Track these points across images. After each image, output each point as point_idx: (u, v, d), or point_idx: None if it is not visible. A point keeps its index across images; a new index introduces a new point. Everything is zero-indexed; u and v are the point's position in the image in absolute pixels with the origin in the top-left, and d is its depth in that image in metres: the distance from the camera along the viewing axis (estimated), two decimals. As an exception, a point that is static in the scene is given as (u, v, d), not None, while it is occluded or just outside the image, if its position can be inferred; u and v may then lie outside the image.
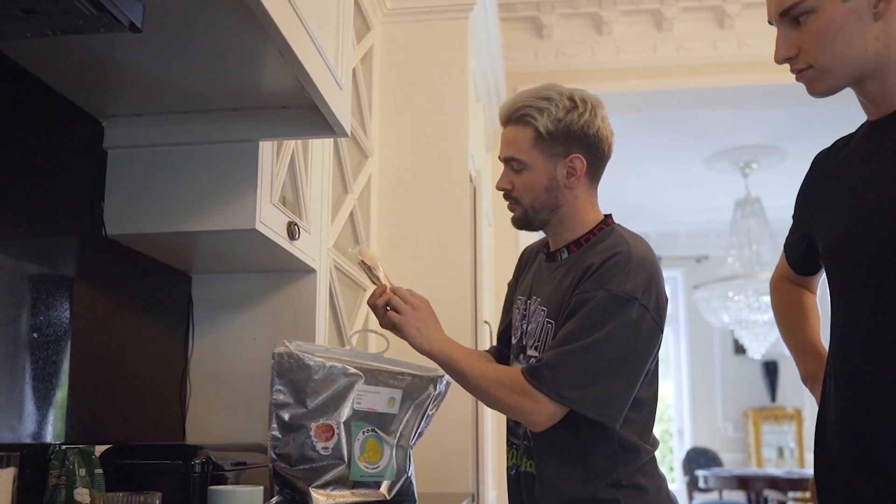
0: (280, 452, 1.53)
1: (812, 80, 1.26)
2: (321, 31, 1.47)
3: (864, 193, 1.25)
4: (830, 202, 1.32)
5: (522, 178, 1.57)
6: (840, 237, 1.28)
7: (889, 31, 1.21)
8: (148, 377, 1.91)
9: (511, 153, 1.58)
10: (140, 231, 1.69)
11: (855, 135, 1.35)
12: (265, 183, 1.71)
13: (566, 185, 1.56)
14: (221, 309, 2.09)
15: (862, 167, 1.28)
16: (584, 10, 4.38)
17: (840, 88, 1.26)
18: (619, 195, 7.44)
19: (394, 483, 1.60)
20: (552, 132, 1.53)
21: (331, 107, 1.53)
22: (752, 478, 6.70)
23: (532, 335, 1.57)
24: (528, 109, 1.55)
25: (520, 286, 1.72)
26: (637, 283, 1.45)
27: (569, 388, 1.43)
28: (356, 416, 1.57)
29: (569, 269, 1.56)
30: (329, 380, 1.55)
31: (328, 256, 2.23)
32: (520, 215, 1.61)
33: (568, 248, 1.60)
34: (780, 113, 5.62)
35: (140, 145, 1.68)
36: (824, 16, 1.21)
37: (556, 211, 1.58)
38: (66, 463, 1.41)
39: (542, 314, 1.56)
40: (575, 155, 1.55)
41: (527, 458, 1.57)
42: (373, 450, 1.58)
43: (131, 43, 1.32)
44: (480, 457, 3.05)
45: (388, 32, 2.99)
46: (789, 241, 1.53)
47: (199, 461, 1.49)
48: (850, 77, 1.25)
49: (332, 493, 1.53)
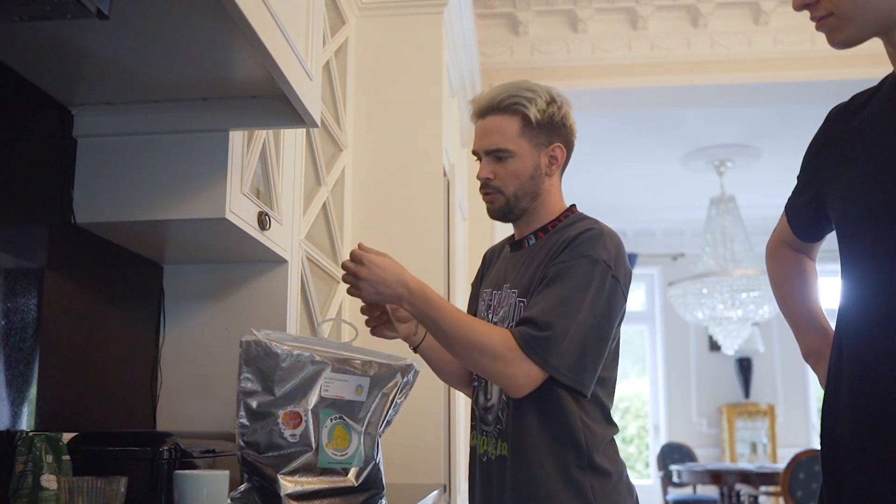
0: (248, 440, 1.54)
1: (832, 28, 1.17)
2: (291, 22, 1.48)
3: (889, 156, 1.14)
4: (855, 164, 1.21)
5: (508, 167, 1.61)
6: (862, 206, 1.17)
7: None
8: (118, 367, 1.92)
9: (498, 143, 1.61)
10: (110, 220, 1.69)
11: (878, 89, 1.24)
12: (235, 173, 1.72)
13: (547, 172, 1.63)
14: (193, 299, 2.09)
15: (887, 126, 1.17)
16: (559, 7, 4.41)
17: (861, 39, 1.17)
18: (595, 193, 7.49)
19: (361, 470, 1.62)
20: (539, 121, 1.60)
21: (300, 97, 1.54)
22: (724, 472, 6.77)
23: (506, 318, 1.60)
24: (516, 99, 1.60)
25: (485, 282, 1.77)
26: (611, 254, 1.53)
27: (555, 356, 1.46)
28: (324, 404, 1.58)
29: (538, 251, 1.61)
30: (297, 368, 1.57)
31: (300, 247, 2.24)
32: (501, 205, 1.64)
33: (535, 234, 1.66)
34: (755, 112, 5.68)
35: (110, 134, 1.68)
36: None
37: (536, 199, 1.64)
38: (32, 449, 1.41)
39: (514, 295, 1.60)
40: (556, 144, 1.63)
41: (501, 440, 1.59)
42: (341, 437, 1.59)
43: (100, 31, 1.33)
44: (452, 447, 3.07)
45: (363, 26, 3.01)
46: (794, 204, 1.42)
47: (168, 448, 1.50)
48: (871, 27, 1.15)
49: (300, 480, 1.54)
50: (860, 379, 1.13)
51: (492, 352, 1.48)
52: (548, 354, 1.45)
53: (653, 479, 8.71)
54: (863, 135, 1.20)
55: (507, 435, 1.57)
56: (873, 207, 1.14)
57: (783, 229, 1.48)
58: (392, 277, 1.55)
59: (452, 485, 3.05)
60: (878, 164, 1.15)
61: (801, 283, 1.45)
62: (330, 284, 2.64)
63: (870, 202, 1.15)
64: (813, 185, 1.34)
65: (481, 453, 1.65)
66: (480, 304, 1.73)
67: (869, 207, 1.15)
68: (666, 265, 8.97)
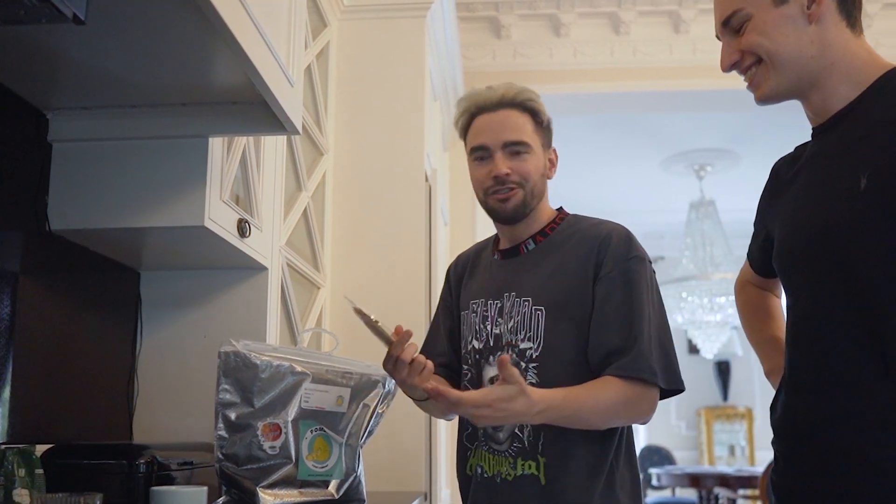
0: (227, 452, 1.52)
1: (759, 81, 1.30)
2: (272, 28, 1.46)
3: (807, 198, 1.29)
4: (785, 208, 1.36)
5: (527, 163, 1.57)
6: (787, 240, 1.31)
7: (823, 35, 1.25)
8: (94, 376, 1.88)
9: (517, 136, 1.56)
10: (86, 226, 1.65)
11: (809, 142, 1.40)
12: (215, 179, 1.69)
13: (547, 175, 1.63)
14: (171, 306, 2.06)
15: (807, 173, 1.32)
16: (542, 11, 4.41)
17: (783, 92, 1.29)
18: (576, 196, 7.49)
19: (342, 482, 1.60)
20: (545, 123, 1.61)
21: (281, 104, 1.51)
22: (703, 475, 6.81)
23: (521, 328, 1.53)
24: (529, 95, 1.59)
25: (466, 293, 1.69)
26: (642, 249, 1.56)
27: (661, 368, 1.47)
28: (304, 415, 1.56)
29: (545, 257, 1.58)
30: (276, 378, 1.54)
31: (280, 254, 2.21)
32: (521, 200, 1.57)
33: (533, 238, 1.62)
34: (735, 117, 5.71)
35: (86, 139, 1.65)
36: (758, 20, 1.26)
37: (540, 201, 1.62)
38: (4, 463, 1.38)
39: (528, 304, 1.54)
40: (553, 148, 1.65)
41: (522, 459, 1.50)
42: (321, 448, 1.57)
43: (77, 35, 1.30)
44: (434, 456, 3.05)
45: (345, 29, 2.98)
46: (751, 247, 1.56)
47: (144, 461, 1.47)
48: (791, 80, 1.27)
49: (280, 493, 1.52)
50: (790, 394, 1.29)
51: (622, 405, 1.45)
52: (654, 369, 1.46)
53: (632, 482, 8.73)
54: (793, 183, 1.35)
55: (533, 453, 1.49)
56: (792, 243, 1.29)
57: (746, 269, 1.61)
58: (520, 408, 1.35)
59: (433, 493, 3.03)
60: (798, 205, 1.30)
61: (764, 315, 1.58)
62: (310, 291, 2.61)
63: (789, 239, 1.30)
64: (763, 229, 1.47)
65: (492, 475, 1.53)
66: (471, 316, 1.63)
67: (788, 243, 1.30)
68: (646, 268, 9.00)
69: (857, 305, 1.18)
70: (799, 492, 1.26)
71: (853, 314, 1.18)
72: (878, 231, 1.16)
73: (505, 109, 1.58)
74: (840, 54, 1.25)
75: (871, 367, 1.15)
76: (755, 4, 1.26)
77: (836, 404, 1.19)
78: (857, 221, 1.18)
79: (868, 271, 1.17)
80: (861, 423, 1.16)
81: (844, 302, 1.19)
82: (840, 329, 1.19)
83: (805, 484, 1.25)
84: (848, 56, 1.26)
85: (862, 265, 1.17)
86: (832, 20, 1.25)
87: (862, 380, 1.16)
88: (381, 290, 2.77)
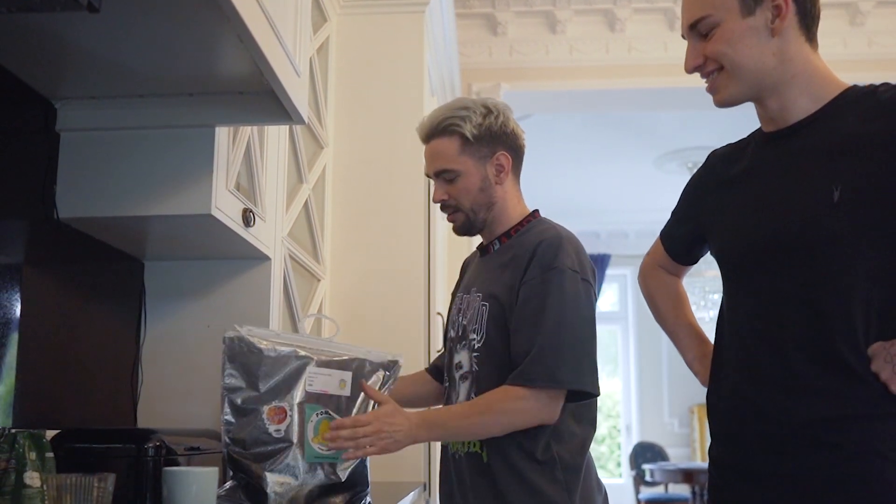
0: (234, 437, 1.54)
1: (718, 87, 1.35)
2: (280, 18, 1.48)
3: (766, 201, 1.34)
4: (728, 206, 1.41)
5: (457, 186, 1.68)
6: (743, 242, 1.37)
7: (784, 48, 1.31)
8: (99, 364, 1.90)
9: (441, 165, 1.68)
10: (93, 215, 1.67)
11: (750, 142, 1.44)
12: (221, 169, 1.71)
13: (496, 181, 1.70)
14: (174, 296, 2.08)
15: (761, 176, 1.37)
16: (538, 8, 4.43)
17: (741, 98, 1.35)
18: (569, 194, 7.52)
19: (348, 465, 1.62)
20: (477, 136, 1.67)
21: (288, 93, 1.54)
22: (696, 471, 6.84)
23: (473, 321, 1.67)
24: (450, 119, 1.67)
25: (460, 288, 1.83)
26: (574, 259, 1.60)
27: (561, 371, 1.53)
28: (309, 399, 1.58)
29: (503, 257, 1.68)
30: (280, 363, 1.56)
31: (283, 245, 2.23)
32: (462, 221, 1.71)
33: (499, 239, 1.73)
34: (728, 116, 5.71)
35: (94, 129, 1.67)
36: (726, 28, 1.31)
37: (492, 208, 1.71)
38: (15, 447, 1.39)
39: (478, 299, 1.67)
40: (500, 153, 1.69)
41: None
42: (326, 432, 1.59)
43: (88, 23, 1.31)
44: (432, 446, 3.07)
45: (345, 24, 3.00)
46: (671, 233, 1.62)
47: (153, 445, 1.48)
48: (750, 87, 1.33)
49: (287, 477, 1.54)
50: (745, 385, 1.34)
51: (502, 410, 1.55)
52: (554, 372, 1.52)
53: (625, 479, 8.77)
54: (741, 183, 1.40)
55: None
56: (755, 245, 1.34)
57: (659, 254, 1.65)
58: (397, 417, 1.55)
59: (432, 483, 3.05)
60: (757, 208, 1.35)
61: (677, 301, 1.64)
62: (310, 283, 2.63)
63: (751, 241, 1.35)
64: (691, 219, 1.54)
65: (452, 452, 1.70)
66: (453, 309, 1.79)
67: (751, 245, 1.35)
68: (639, 266, 9.02)
69: (818, 310, 1.25)
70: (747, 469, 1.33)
71: (814, 317, 1.26)
72: (848, 240, 1.23)
73: (434, 139, 1.69)
74: (801, 68, 1.32)
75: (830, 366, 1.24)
76: (724, 13, 1.31)
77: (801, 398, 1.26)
78: (828, 231, 1.24)
79: (834, 279, 1.24)
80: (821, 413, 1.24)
81: (806, 306, 1.27)
82: (801, 332, 1.27)
83: (759, 462, 1.31)
84: (809, 70, 1.32)
85: (830, 272, 1.25)
86: (793, 35, 1.31)
87: (822, 376, 1.24)
88: (380, 284, 2.80)
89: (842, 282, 1.24)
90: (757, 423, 1.32)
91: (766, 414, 1.30)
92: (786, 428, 1.27)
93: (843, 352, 1.23)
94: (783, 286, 1.30)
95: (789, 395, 1.27)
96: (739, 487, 1.34)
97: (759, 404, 1.31)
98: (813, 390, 1.25)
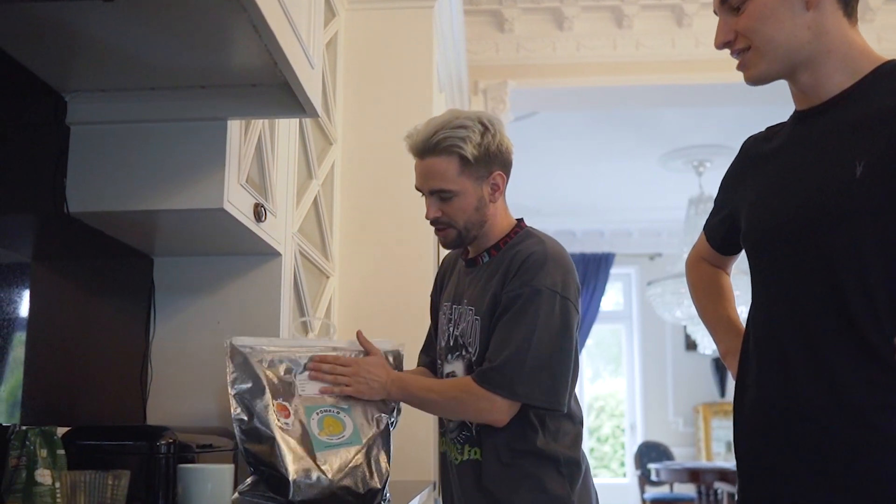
0: (247, 432, 1.53)
1: (748, 64, 1.32)
2: (294, 8, 1.46)
3: (791, 178, 1.31)
4: (756, 186, 1.38)
5: (453, 205, 1.67)
6: (766, 220, 1.34)
7: (820, 21, 1.26)
8: (108, 361, 1.88)
9: (439, 185, 1.66)
10: (104, 209, 1.65)
11: (785, 124, 1.41)
12: (233, 163, 1.69)
13: (490, 199, 1.69)
14: (184, 292, 2.06)
15: (790, 154, 1.34)
16: (545, 4, 4.41)
17: (773, 76, 1.32)
18: (573, 192, 7.50)
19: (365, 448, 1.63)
20: (477, 157, 1.64)
21: (303, 85, 1.52)
22: (702, 471, 6.82)
23: (465, 334, 1.69)
24: (450, 140, 1.63)
25: (444, 294, 1.83)
26: (556, 278, 1.61)
27: (519, 384, 1.57)
28: (305, 402, 1.60)
29: (492, 270, 1.69)
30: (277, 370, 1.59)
31: (293, 241, 2.21)
32: (454, 238, 1.71)
33: (488, 251, 1.72)
34: (735, 113, 5.72)
35: (105, 122, 1.65)
36: (759, 3, 1.28)
37: (484, 226, 1.70)
38: (26, 444, 1.37)
39: (471, 313, 1.69)
40: (497, 172, 1.69)
41: (469, 445, 1.67)
42: (332, 425, 1.60)
43: (101, 13, 1.29)
44: (441, 446, 3.06)
45: (353, 20, 2.98)
46: (710, 222, 1.59)
47: (166, 442, 1.47)
48: (782, 64, 1.30)
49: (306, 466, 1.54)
50: (768, 376, 1.30)
51: (460, 399, 1.63)
52: (513, 384, 1.56)
53: (630, 478, 8.75)
54: (767, 162, 1.38)
55: (476, 441, 1.66)
56: (773, 223, 1.31)
57: (702, 245, 1.62)
58: (379, 368, 1.68)
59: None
60: (777, 186, 1.32)
61: (718, 293, 1.60)
62: (320, 279, 2.61)
63: (769, 219, 1.32)
64: (727, 205, 1.50)
65: (452, 459, 1.73)
66: (441, 317, 1.79)
67: (769, 223, 1.32)
68: (643, 265, 9.01)
69: (839, 289, 1.21)
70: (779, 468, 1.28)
71: (835, 297, 1.21)
72: (871, 217, 1.19)
73: (429, 157, 1.66)
74: (837, 42, 1.27)
75: (857, 351, 1.19)
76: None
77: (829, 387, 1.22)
78: (851, 207, 1.21)
79: (857, 256, 1.20)
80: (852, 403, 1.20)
81: (828, 286, 1.22)
82: (824, 313, 1.23)
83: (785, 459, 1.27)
84: (845, 45, 1.28)
85: (852, 249, 1.20)
86: (829, 8, 1.27)
87: (849, 363, 1.20)
88: (389, 281, 2.78)
89: (862, 259, 1.20)
90: (784, 416, 1.27)
91: (793, 407, 1.26)
92: (814, 421, 1.23)
93: (870, 337, 1.18)
94: (804, 265, 1.26)
95: (818, 384, 1.23)
96: (769, 485, 1.30)
97: (788, 396, 1.26)
98: (840, 378, 1.21)
